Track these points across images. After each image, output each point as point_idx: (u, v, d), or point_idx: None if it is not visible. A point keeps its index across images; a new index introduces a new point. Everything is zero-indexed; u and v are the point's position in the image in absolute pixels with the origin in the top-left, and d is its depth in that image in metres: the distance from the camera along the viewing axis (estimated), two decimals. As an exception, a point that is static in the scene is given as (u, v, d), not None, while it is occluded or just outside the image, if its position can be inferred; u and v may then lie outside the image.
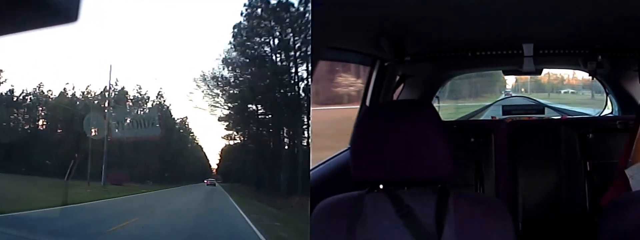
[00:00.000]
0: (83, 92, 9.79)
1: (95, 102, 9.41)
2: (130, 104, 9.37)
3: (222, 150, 12.95)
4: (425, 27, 2.65)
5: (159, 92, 10.45)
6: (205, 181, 12.94)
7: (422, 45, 3.03)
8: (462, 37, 2.92)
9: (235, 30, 9.89)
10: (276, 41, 9.77)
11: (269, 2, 9.13)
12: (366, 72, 3.17)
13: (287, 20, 9.33)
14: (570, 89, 5.08)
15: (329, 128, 3.72)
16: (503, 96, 4.98)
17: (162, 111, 10.14)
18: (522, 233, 3.06)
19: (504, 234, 1.45)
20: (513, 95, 4.81)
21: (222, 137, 12.03)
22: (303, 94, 9.76)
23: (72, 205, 7.71)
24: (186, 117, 12.29)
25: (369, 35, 2.66)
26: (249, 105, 10.81)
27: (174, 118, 11.67)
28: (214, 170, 13.51)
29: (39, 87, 9.46)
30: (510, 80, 4.93)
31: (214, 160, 13.72)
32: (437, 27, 2.65)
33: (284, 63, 9.99)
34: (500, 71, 4.00)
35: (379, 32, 2.64)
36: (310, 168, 2.69)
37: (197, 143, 13.26)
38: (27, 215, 6.87)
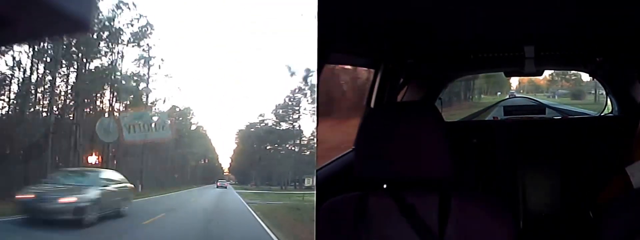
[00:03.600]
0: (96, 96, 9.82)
1: (108, 106, 9.45)
2: (143, 106, 9.40)
3: (233, 151, 12.77)
4: (428, 30, 2.68)
5: (170, 94, 10.48)
6: (216, 183, 12.48)
7: (425, 47, 3.08)
8: (465, 40, 2.97)
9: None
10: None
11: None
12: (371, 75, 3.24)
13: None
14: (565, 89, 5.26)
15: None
16: (507, 97, 5.02)
17: (173, 113, 10.16)
18: (523, 232, 3.10)
19: (505, 232, 1.47)
20: (516, 96, 4.86)
21: (233, 138, 12.00)
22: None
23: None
24: (196, 118, 12.16)
25: (374, 38, 2.71)
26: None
27: (187, 119, 11.59)
28: (227, 171, 13.11)
29: (51, 90, 9.50)
30: (514, 81, 5.03)
31: (225, 162, 13.42)
32: (440, 30, 2.69)
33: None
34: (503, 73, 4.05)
35: (383, 36, 2.69)
36: (317, 168, 2.74)
37: (208, 144, 13.03)
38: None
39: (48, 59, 8.97)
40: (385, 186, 1.58)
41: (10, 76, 8.55)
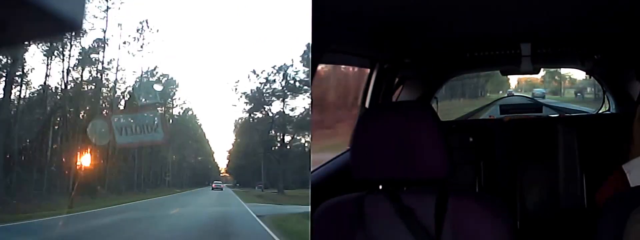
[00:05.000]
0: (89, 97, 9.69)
1: (101, 108, 9.37)
2: (135, 108, 9.30)
3: (228, 152, 12.54)
4: (423, 29, 2.68)
5: (163, 95, 10.34)
6: (211, 184, 12.21)
7: (420, 47, 3.07)
8: (461, 38, 2.96)
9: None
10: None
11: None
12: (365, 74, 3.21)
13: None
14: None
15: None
16: (505, 95, 5.06)
17: (165, 114, 10.07)
18: (521, 231, 3.09)
19: (503, 232, 1.46)
20: (514, 94, 4.89)
21: (228, 139, 11.79)
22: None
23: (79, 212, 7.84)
24: (191, 118, 11.95)
25: (368, 37, 2.69)
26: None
27: (177, 120, 11.35)
28: (224, 171, 12.85)
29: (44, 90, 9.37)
30: (513, 81, 5.14)
31: (221, 163, 13.15)
32: (436, 28, 2.68)
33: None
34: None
35: (378, 35, 2.67)
36: (311, 169, 2.72)
37: (202, 146, 12.78)
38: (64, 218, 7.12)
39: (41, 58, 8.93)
40: (380, 187, 1.56)
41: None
